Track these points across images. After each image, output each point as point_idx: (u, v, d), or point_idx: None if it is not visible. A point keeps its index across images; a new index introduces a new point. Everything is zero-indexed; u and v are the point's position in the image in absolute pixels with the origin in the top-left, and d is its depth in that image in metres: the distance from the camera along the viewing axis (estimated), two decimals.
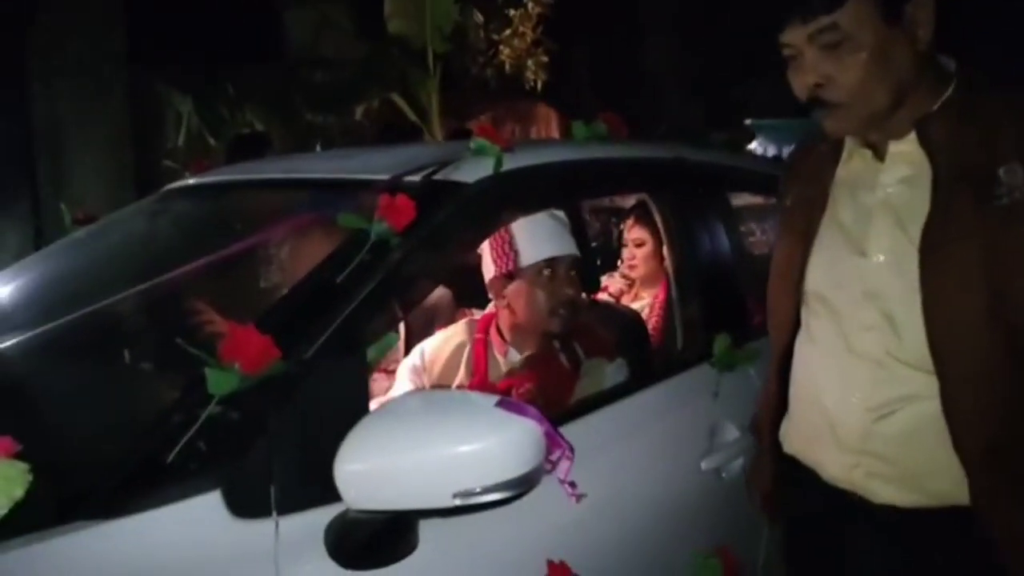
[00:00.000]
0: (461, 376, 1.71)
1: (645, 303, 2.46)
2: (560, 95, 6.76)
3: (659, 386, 1.59)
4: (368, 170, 1.50)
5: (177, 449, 1.00)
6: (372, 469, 1.03)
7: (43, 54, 6.44)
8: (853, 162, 1.20)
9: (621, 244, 2.64)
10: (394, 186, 1.36)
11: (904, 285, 1.08)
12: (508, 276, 1.66)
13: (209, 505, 0.99)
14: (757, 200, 2.48)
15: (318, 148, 5.93)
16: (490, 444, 1.03)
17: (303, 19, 7.17)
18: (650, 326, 2.29)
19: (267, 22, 7.16)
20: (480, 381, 1.67)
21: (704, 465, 1.53)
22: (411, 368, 1.75)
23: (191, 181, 1.86)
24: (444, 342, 1.76)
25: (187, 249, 1.31)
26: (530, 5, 6.75)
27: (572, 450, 1.13)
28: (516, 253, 1.65)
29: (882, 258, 1.13)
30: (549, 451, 1.09)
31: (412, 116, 6.99)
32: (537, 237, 1.66)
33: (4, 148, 6.27)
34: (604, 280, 2.63)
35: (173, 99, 7.52)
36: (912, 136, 1.11)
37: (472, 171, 1.42)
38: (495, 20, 6.84)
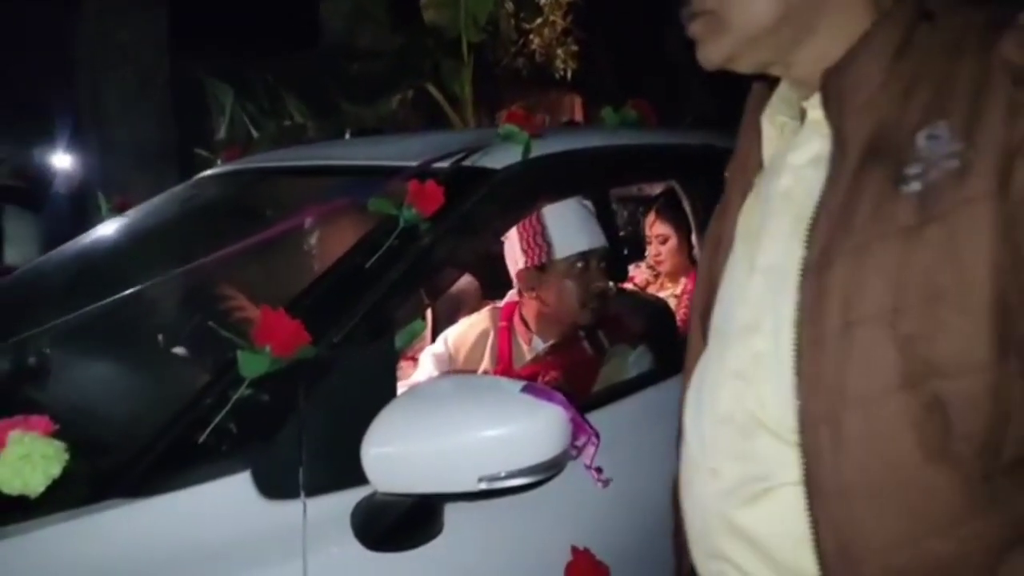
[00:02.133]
0: (486, 363, 1.70)
1: (670, 292, 2.43)
2: (585, 83, 6.70)
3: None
4: (398, 157, 1.49)
5: (208, 430, 1.00)
6: (399, 452, 1.02)
7: (89, 43, 6.54)
8: (776, 131, 0.84)
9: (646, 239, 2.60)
10: (423, 172, 1.35)
11: (779, 317, 0.73)
12: (539, 268, 1.63)
13: (239, 486, 1.00)
14: None
15: (347, 136, 5.96)
16: (516, 429, 1.02)
17: (338, 9, 7.18)
18: (679, 316, 2.26)
19: (303, 12, 7.19)
20: (505, 369, 1.66)
21: None
22: (434, 356, 1.74)
23: (223, 168, 1.87)
24: (468, 330, 1.75)
25: (218, 236, 1.31)
26: None
27: (598, 436, 1.11)
28: (549, 245, 1.61)
29: (764, 276, 0.77)
30: (575, 437, 1.08)
31: (446, 106, 6.99)
32: (571, 229, 1.63)
33: (54, 133, 6.39)
34: (631, 270, 2.60)
35: (216, 89, 7.59)
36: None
37: (501, 157, 1.41)
38: (526, 9, 6.80)
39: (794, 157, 0.78)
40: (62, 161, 5.81)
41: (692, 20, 0.75)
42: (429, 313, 2.12)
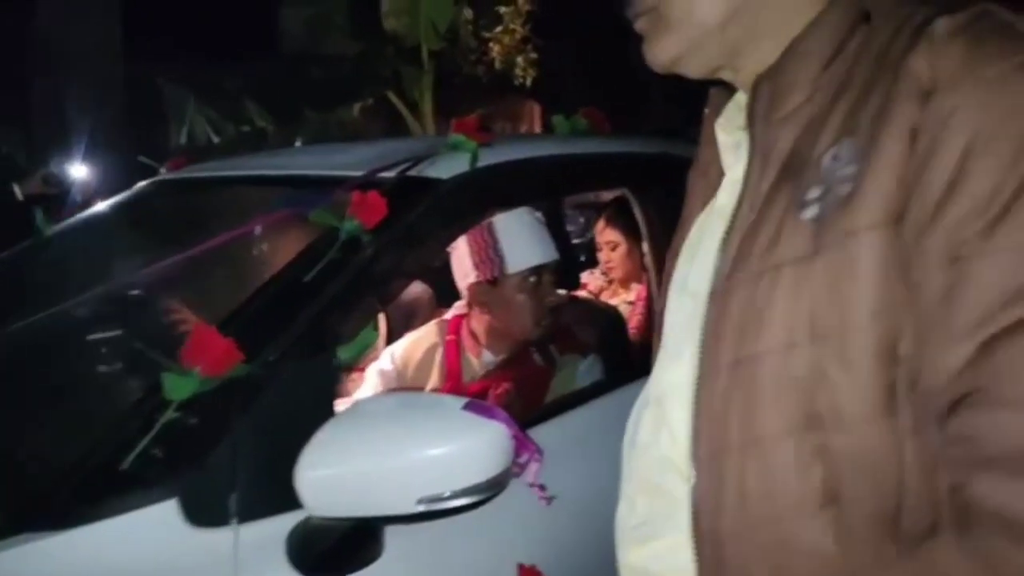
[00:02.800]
0: (435, 379, 1.64)
1: (623, 299, 2.41)
2: (544, 91, 6.70)
3: (637, 384, 1.52)
4: (343, 166, 1.44)
5: (132, 456, 0.94)
6: (334, 474, 0.97)
7: (42, 48, 6.36)
8: (731, 140, 0.77)
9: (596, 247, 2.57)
10: (368, 182, 1.30)
11: (693, 346, 0.67)
12: (491, 282, 1.59)
13: (165, 514, 0.94)
14: None
15: (297, 143, 5.86)
16: (457, 448, 0.98)
17: (299, 15, 7.08)
18: (633, 323, 2.24)
19: (263, 17, 7.07)
20: (454, 384, 1.61)
21: None
22: (380, 372, 1.68)
23: (166, 177, 1.80)
24: (415, 345, 1.70)
25: (158, 247, 1.25)
26: (520, 1, 6.68)
27: (541, 452, 1.07)
28: (501, 259, 1.56)
29: (692, 299, 0.70)
30: (517, 454, 1.04)
31: (406, 113, 6.92)
32: (524, 243, 1.57)
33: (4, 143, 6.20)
34: (584, 277, 2.57)
35: (175, 96, 7.42)
36: None
37: (448, 167, 1.36)
38: (485, 17, 6.76)
39: (735, 170, 0.70)
40: (78, 170, 5.73)
41: (637, 18, 0.70)
42: (383, 324, 2.06)
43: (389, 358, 1.69)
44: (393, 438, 0.98)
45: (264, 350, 1.05)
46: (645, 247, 1.78)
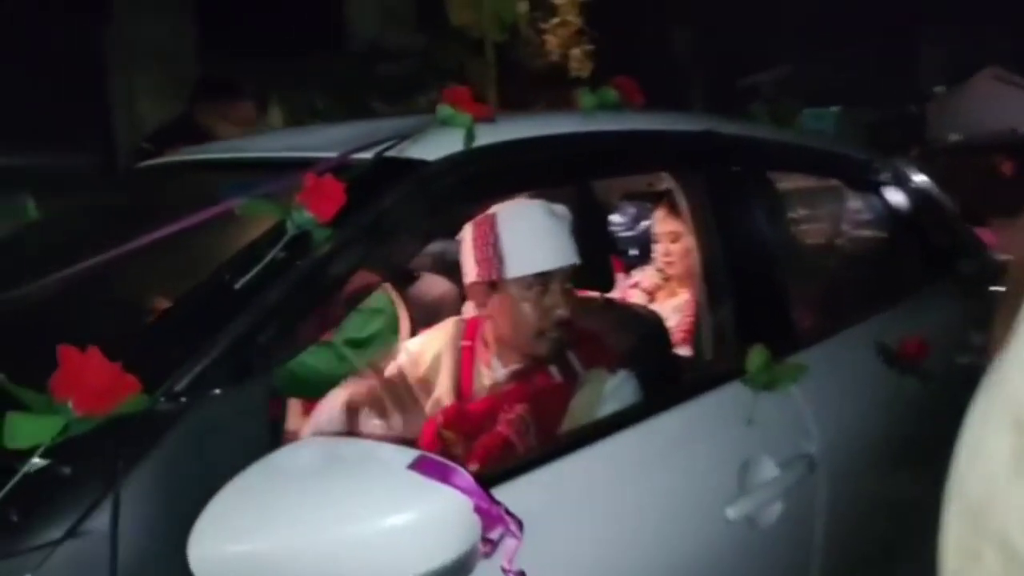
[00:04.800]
0: (441, 390, 1.35)
1: (681, 299, 2.04)
2: (600, 83, 6.38)
3: (677, 410, 1.20)
4: (317, 148, 1.17)
5: None
6: (235, 553, 0.70)
7: (120, 48, 6.39)
8: None
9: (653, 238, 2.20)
10: (330, 166, 1.02)
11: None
12: (491, 285, 1.29)
13: None
14: (809, 182, 2.05)
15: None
16: (400, 522, 0.69)
17: (364, 9, 6.94)
18: (681, 331, 1.89)
19: (328, 12, 6.96)
20: (464, 396, 1.32)
21: (732, 513, 1.14)
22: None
23: (162, 160, 1.57)
24: (425, 346, 1.41)
25: (109, 242, 1.00)
26: None
27: (520, 526, 0.77)
28: (501, 261, 1.26)
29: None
30: (487, 528, 0.74)
31: None
32: (528, 244, 1.27)
33: (86, 142, 6.25)
34: (636, 275, 2.22)
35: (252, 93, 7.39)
36: None
37: (436, 147, 1.07)
38: (540, 9, 6.45)
39: None
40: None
41: None
42: (405, 324, 1.80)
43: (404, 353, 1.41)
44: (316, 505, 0.70)
45: (171, 376, 0.79)
46: (692, 241, 1.45)
